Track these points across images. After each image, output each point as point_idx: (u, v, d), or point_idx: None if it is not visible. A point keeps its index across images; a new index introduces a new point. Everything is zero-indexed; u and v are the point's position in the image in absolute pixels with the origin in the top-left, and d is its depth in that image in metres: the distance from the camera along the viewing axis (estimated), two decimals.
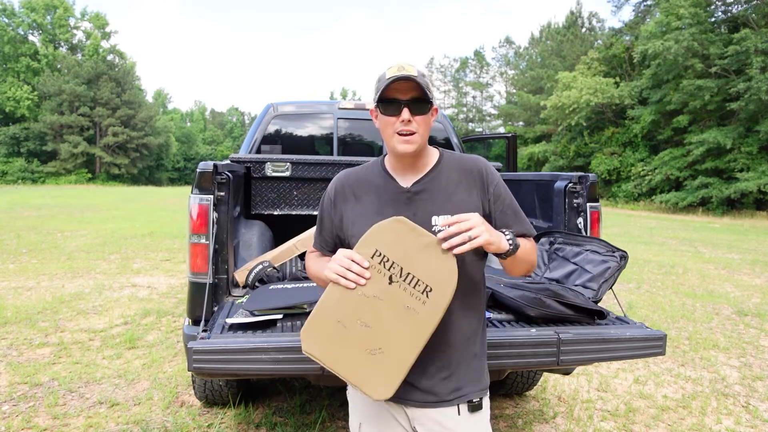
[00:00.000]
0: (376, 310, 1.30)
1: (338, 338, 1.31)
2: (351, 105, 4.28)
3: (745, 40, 22.26)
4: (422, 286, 1.29)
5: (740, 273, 8.44)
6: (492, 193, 1.48)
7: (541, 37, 48.71)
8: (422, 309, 1.29)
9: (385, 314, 1.30)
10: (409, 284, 1.29)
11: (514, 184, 3.57)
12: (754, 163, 22.54)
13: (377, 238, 1.31)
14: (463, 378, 1.46)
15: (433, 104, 1.46)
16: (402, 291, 1.29)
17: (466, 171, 1.49)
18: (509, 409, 3.34)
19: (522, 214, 1.51)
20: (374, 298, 1.29)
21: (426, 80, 1.43)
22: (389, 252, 1.30)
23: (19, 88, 50.64)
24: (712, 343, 4.72)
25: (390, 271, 1.30)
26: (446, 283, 1.29)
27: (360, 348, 1.30)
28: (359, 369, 1.31)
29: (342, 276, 1.29)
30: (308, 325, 1.33)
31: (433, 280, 1.29)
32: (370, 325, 1.30)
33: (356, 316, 1.30)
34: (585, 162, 32.07)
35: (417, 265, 1.30)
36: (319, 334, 1.32)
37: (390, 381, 1.30)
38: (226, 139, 79.05)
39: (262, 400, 3.37)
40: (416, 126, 1.41)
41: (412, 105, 1.40)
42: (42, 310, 5.34)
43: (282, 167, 3.41)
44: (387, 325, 1.29)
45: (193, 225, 2.36)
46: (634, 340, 2.06)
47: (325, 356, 1.32)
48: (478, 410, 1.47)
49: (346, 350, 1.31)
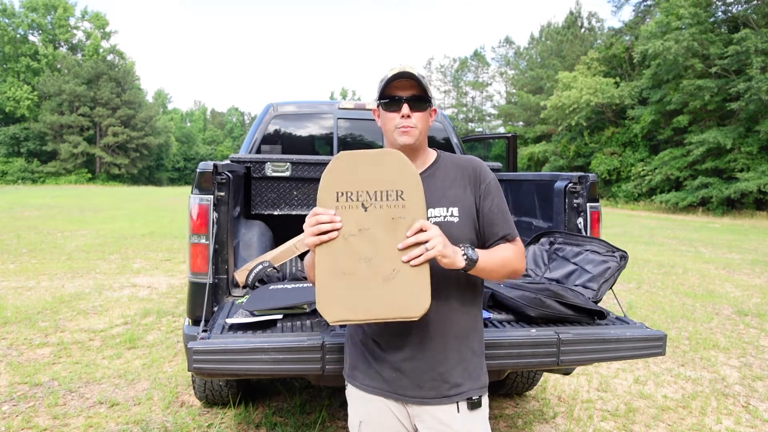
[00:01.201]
0: (369, 240, 1.30)
1: (354, 288, 1.30)
2: (351, 105, 4.28)
3: (745, 40, 22.25)
4: (393, 194, 1.31)
5: (740, 273, 8.44)
6: (483, 191, 1.51)
7: (541, 37, 48.72)
8: (406, 211, 1.31)
9: (379, 237, 1.30)
10: (381, 200, 1.31)
11: (514, 184, 3.57)
12: (754, 163, 22.53)
13: (330, 184, 1.33)
14: (462, 375, 1.48)
15: (432, 104, 1.52)
16: (380, 210, 1.31)
17: (462, 169, 1.54)
18: (509, 409, 3.34)
19: (508, 216, 1.53)
20: (361, 232, 1.30)
21: (426, 80, 1.49)
22: (347, 186, 1.32)
23: (19, 88, 50.63)
24: (712, 343, 4.72)
25: (359, 200, 1.31)
26: (409, 175, 1.33)
27: (377, 283, 1.30)
28: (389, 301, 1.30)
29: (318, 233, 1.28)
30: (321, 296, 1.31)
31: (397, 181, 1.32)
32: (372, 256, 1.30)
33: (356, 257, 1.30)
34: (585, 162, 32.07)
35: (376, 179, 1.32)
36: (335, 297, 1.30)
37: (421, 291, 1.30)
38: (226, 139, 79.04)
39: (262, 400, 3.37)
40: (415, 121, 1.47)
41: (411, 101, 1.47)
42: (42, 310, 5.34)
43: (282, 167, 3.41)
44: (386, 245, 1.30)
45: (193, 225, 2.36)
46: (634, 340, 2.06)
47: (353, 313, 1.31)
48: (478, 408, 1.49)
49: (367, 294, 1.30)
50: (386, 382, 1.48)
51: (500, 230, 1.49)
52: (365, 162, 1.34)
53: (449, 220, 1.45)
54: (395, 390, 1.47)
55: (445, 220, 1.45)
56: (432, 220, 1.44)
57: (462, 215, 1.47)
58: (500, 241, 1.49)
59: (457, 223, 1.45)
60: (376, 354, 1.49)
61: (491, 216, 1.50)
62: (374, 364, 1.50)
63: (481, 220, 1.50)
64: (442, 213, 1.46)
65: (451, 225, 1.45)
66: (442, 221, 1.45)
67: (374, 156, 1.34)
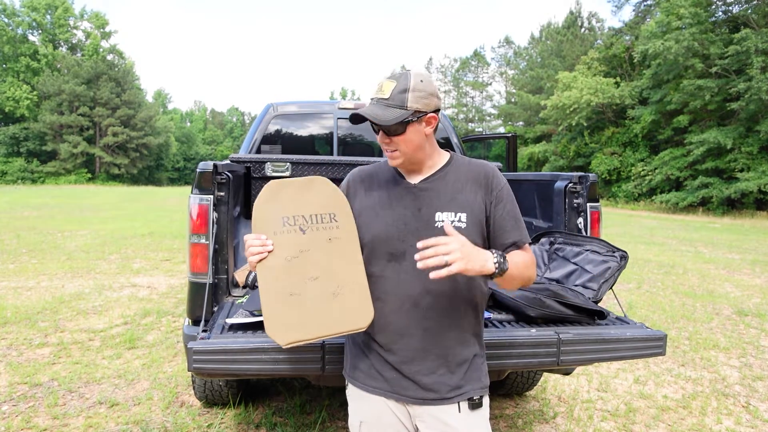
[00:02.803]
0: (312, 261, 1.38)
1: (302, 308, 1.35)
2: (351, 105, 4.28)
3: (746, 40, 22.24)
4: (327, 216, 1.42)
5: (740, 273, 8.44)
6: (495, 197, 1.49)
7: (541, 37, 48.71)
8: (340, 232, 1.42)
9: (320, 258, 1.38)
10: (317, 222, 1.41)
11: (514, 184, 3.56)
12: (754, 163, 22.53)
13: (265, 210, 1.40)
14: (463, 376, 1.48)
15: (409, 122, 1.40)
16: (317, 231, 1.40)
17: (474, 174, 1.52)
18: (509, 409, 3.34)
19: (521, 223, 1.52)
20: (303, 253, 1.38)
21: (403, 97, 1.39)
22: (283, 212, 1.40)
23: (18, 87, 50.61)
24: (713, 343, 4.72)
25: (296, 225, 1.39)
26: (335, 197, 1.43)
27: (324, 300, 1.36)
28: (336, 316, 1.37)
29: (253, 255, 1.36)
30: (269, 320, 1.35)
31: (327, 204, 1.43)
32: (317, 275, 1.37)
33: (302, 277, 1.36)
34: (585, 162, 32.06)
35: (309, 204, 1.42)
36: (283, 320, 1.35)
37: (363, 304, 1.39)
38: (226, 139, 79.04)
39: (262, 400, 3.36)
40: (395, 145, 1.44)
41: (384, 128, 1.42)
42: (42, 310, 5.34)
43: (282, 167, 3.40)
44: (328, 265, 1.38)
45: (193, 225, 2.36)
46: (634, 340, 2.06)
47: (304, 333, 1.36)
48: (479, 408, 1.49)
49: (315, 313, 1.36)
50: (387, 382, 1.48)
51: (511, 237, 1.48)
52: (295, 189, 1.42)
53: (456, 225, 1.44)
54: (396, 390, 1.47)
55: (452, 225, 1.44)
56: (439, 223, 1.43)
57: (470, 221, 1.45)
58: (511, 248, 1.48)
59: (465, 229, 1.44)
60: (378, 354, 1.49)
61: (503, 222, 1.48)
62: (375, 364, 1.50)
63: (492, 227, 1.49)
64: (449, 218, 1.45)
65: (458, 230, 1.43)
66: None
67: (302, 183, 1.44)
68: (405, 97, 1.39)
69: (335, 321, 1.36)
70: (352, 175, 1.61)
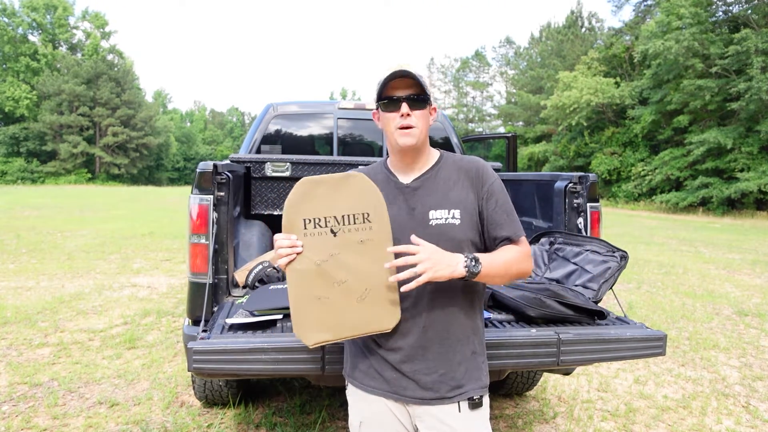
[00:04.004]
0: (340, 264, 1.35)
1: (329, 311, 1.35)
2: (351, 105, 4.28)
3: (746, 40, 22.24)
4: (360, 217, 1.35)
5: (740, 273, 8.44)
6: (486, 191, 1.50)
7: (541, 37, 48.69)
8: (373, 233, 1.35)
9: (350, 261, 1.35)
10: (349, 224, 1.35)
11: (514, 184, 3.57)
12: (754, 163, 22.53)
13: (296, 211, 1.36)
14: (464, 376, 1.48)
15: (431, 102, 1.51)
16: (348, 233, 1.35)
17: (465, 170, 1.53)
18: (509, 409, 3.34)
19: (514, 216, 1.52)
20: (332, 257, 1.34)
21: (423, 78, 1.48)
22: (315, 213, 1.35)
23: (18, 87, 50.59)
24: (713, 343, 4.72)
25: (327, 226, 1.35)
26: (371, 196, 1.36)
27: (350, 303, 1.35)
28: (363, 319, 1.36)
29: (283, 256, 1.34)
30: (297, 321, 1.36)
31: (361, 204, 1.36)
32: (345, 279, 1.35)
33: (330, 282, 1.34)
34: (585, 162, 32.05)
35: (342, 204, 1.35)
36: (311, 321, 1.35)
37: (391, 307, 1.37)
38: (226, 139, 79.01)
39: (262, 400, 3.36)
40: (415, 120, 1.46)
41: (410, 101, 1.46)
42: (42, 310, 5.34)
43: (282, 167, 3.40)
44: (357, 267, 1.35)
45: (193, 225, 2.36)
46: (634, 340, 2.06)
47: (330, 334, 1.36)
48: (479, 408, 1.50)
49: (342, 315, 1.35)
50: (387, 383, 1.48)
51: (504, 231, 1.48)
52: (328, 187, 1.36)
53: (450, 222, 1.45)
54: (396, 390, 1.47)
55: (446, 222, 1.45)
56: (433, 222, 1.44)
57: (464, 217, 1.46)
58: (505, 242, 1.48)
59: (459, 225, 1.45)
60: (378, 354, 1.49)
61: (495, 217, 1.49)
62: (375, 365, 1.50)
63: (485, 222, 1.50)
64: (443, 215, 1.45)
65: (453, 227, 1.44)
66: (444, 223, 1.45)
67: (337, 180, 1.37)
68: (424, 80, 1.48)
69: (362, 322, 1.36)
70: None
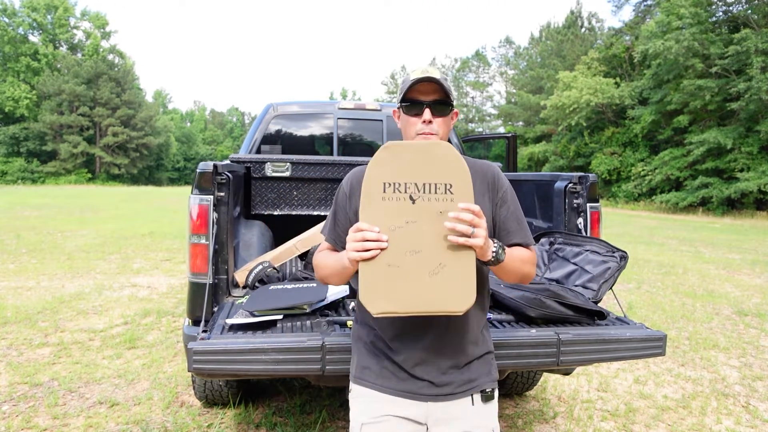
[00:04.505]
0: (416, 233, 1.27)
1: (398, 280, 1.27)
2: (351, 105, 4.28)
3: (746, 40, 22.25)
4: (442, 187, 1.28)
5: (740, 273, 8.44)
6: (500, 198, 1.51)
7: (541, 37, 48.69)
8: (454, 205, 1.27)
9: (426, 231, 1.27)
10: (430, 192, 1.28)
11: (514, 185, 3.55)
12: (754, 163, 22.53)
13: (377, 174, 1.29)
14: (476, 371, 1.49)
15: (453, 107, 1.51)
16: (428, 202, 1.27)
17: (481, 174, 1.53)
18: (509, 409, 3.34)
19: (525, 224, 1.53)
20: (408, 224, 1.27)
21: (448, 84, 1.48)
22: (395, 177, 1.28)
23: (18, 87, 50.60)
24: (712, 343, 4.72)
25: (407, 192, 1.28)
26: (458, 168, 1.29)
27: (422, 276, 1.27)
28: (433, 296, 1.28)
29: (363, 250, 1.25)
30: (365, 288, 1.28)
31: (445, 174, 1.28)
32: (419, 249, 1.27)
33: (403, 249, 1.27)
34: (585, 162, 32.05)
35: (426, 171, 1.28)
36: (380, 289, 1.28)
37: (466, 286, 1.28)
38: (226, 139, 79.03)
39: (262, 400, 3.36)
40: (437, 127, 1.47)
41: (433, 106, 1.46)
42: (42, 310, 5.34)
43: (282, 167, 3.40)
44: (433, 239, 1.27)
45: (193, 225, 2.36)
46: (634, 340, 2.06)
47: (397, 306, 1.29)
48: (491, 400, 1.51)
49: (412, 287, 1.27)
50: (400, 381, 1.47)
51: (515, 239, 1.50)
52: (413, 153, 1.29)
53: None
54: (410, 389, 1.46)
55: None
56: None
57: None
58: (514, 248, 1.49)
59: None
60: (388, 353, 1.48)
61: (507, 224, 1.50)
62: (386, 365, 1.49)
63: (497, 228, 1.50)
64: None
65: None
66: None
67: (423, 147, 1.30)
68: (449, 85, 1.48)
69: (431, 300, 1.28)
70: (354, 174, 1.59)
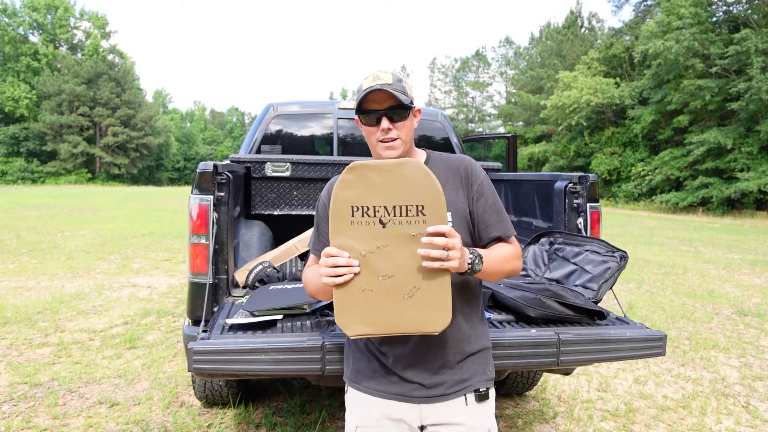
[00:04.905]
0: (388, 258, 1.24)
1: (373, 305, 1.26)
2: (351, 105, 4.28)
3: (746, 40, 22.24)
4: (413, 209, 1.24)
5: (740, 273, 8.44)
6: (475, 191, 1.49)
7: (541, 37, 48.70)
8: (426, 227, 1.24)
9: (399, 255, 1.24)
10: (401, 215, 1.24)
11: (514, 184, 3.57)
12: (754, 163, 22.53)
13: (343, 197, 1.25)
14: (468, 370, 1.48)
15: (412, 108, 1.48)
16: (399, 226, 1.24)
17: (453, 170, 1.51)
18: (509, 409, 3.34)
19: (504, 215, 1.51)
20: (379, 249, 1.24)
21: (403, 85, 1.45)
22: (363, 201, 1.25)
23: (18, 87, 50.59)
24: (712, 343, 4.72)
25: (376, 216, 1.24)
26: (429, 188, 1.24)
27: (397, 299, 1.26)
28: (410, 318, 1.27)
29: (335, 276, 1.24)
30: (340, 311, 1.28)
31: (416, 195, 1.24)
32: (392, 274, 1.25)
33: (375, 275, 1.25)
34: (585, 162, 32.05)
35: (395, 193, 1.24)
36: (355, 313, 1.27)
37: (442, 307, 1.26)
38: (226, 139, 79.05)
39: (262, 400, 3.36)
40: (397, 132, 1.44)
41: (390, 113, 1.43)
42: (42, 310, 5.34)
43: (282, 167, 3.40)
44: (406, 263, 1.24)
45: (193, 225, 2.36)
46: (634, 340, 2.06)
47: (373, 328, 1.28)
48: (485, 400, 1.49)
49: (386, 311, 1.26)
50: (392, 384, 1.46)
51: (495, 231, 1.48)
52: (381, 174, 1.25)
53: None
54: (402, 392, 1.46)
55: None
56: None
57: (455, 219, 1.45)
58: (495, 242, 1.48)
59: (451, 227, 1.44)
60: (381, 357, 1.48)
61: (486, 216, 1.48)
62: (378, 367, 1.48)
63: (476, 222, 1.49)
64: None
65: None
66: None
67: (391, 167, 1.25)
68: (404, 86, 1.45)
69: (407, 322, 1.27)
70: (331, 184, 1.56)
